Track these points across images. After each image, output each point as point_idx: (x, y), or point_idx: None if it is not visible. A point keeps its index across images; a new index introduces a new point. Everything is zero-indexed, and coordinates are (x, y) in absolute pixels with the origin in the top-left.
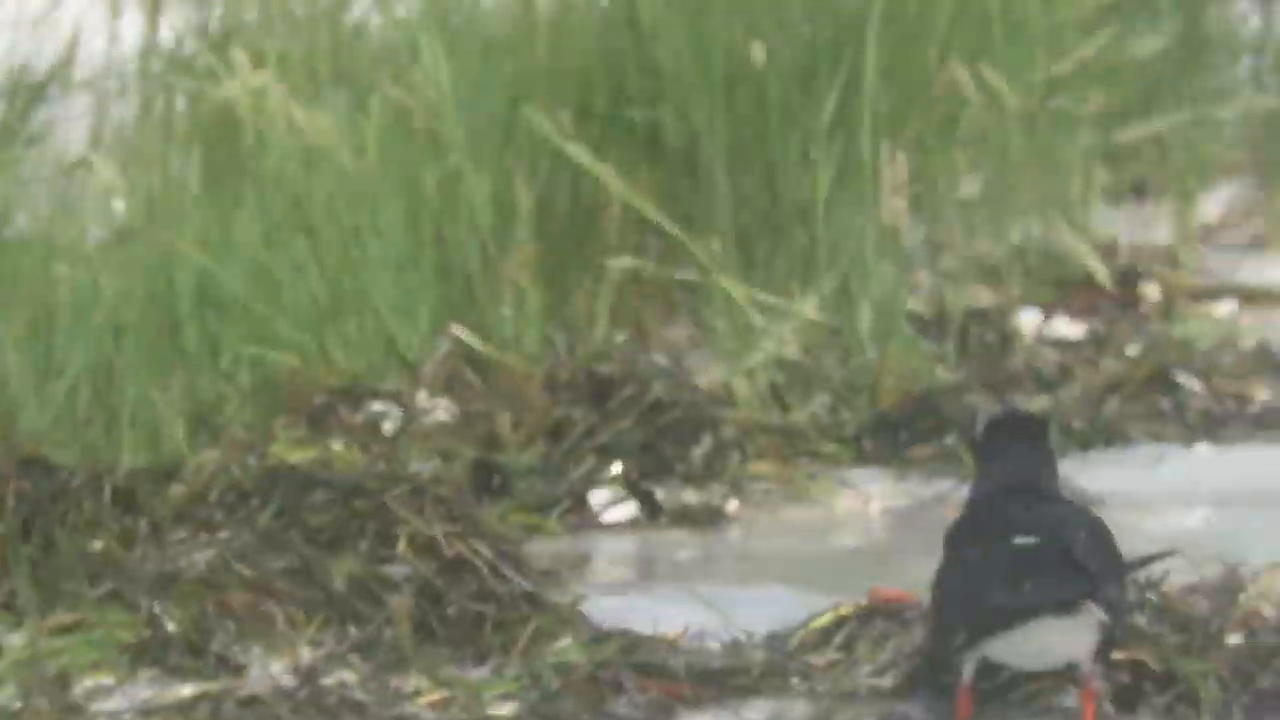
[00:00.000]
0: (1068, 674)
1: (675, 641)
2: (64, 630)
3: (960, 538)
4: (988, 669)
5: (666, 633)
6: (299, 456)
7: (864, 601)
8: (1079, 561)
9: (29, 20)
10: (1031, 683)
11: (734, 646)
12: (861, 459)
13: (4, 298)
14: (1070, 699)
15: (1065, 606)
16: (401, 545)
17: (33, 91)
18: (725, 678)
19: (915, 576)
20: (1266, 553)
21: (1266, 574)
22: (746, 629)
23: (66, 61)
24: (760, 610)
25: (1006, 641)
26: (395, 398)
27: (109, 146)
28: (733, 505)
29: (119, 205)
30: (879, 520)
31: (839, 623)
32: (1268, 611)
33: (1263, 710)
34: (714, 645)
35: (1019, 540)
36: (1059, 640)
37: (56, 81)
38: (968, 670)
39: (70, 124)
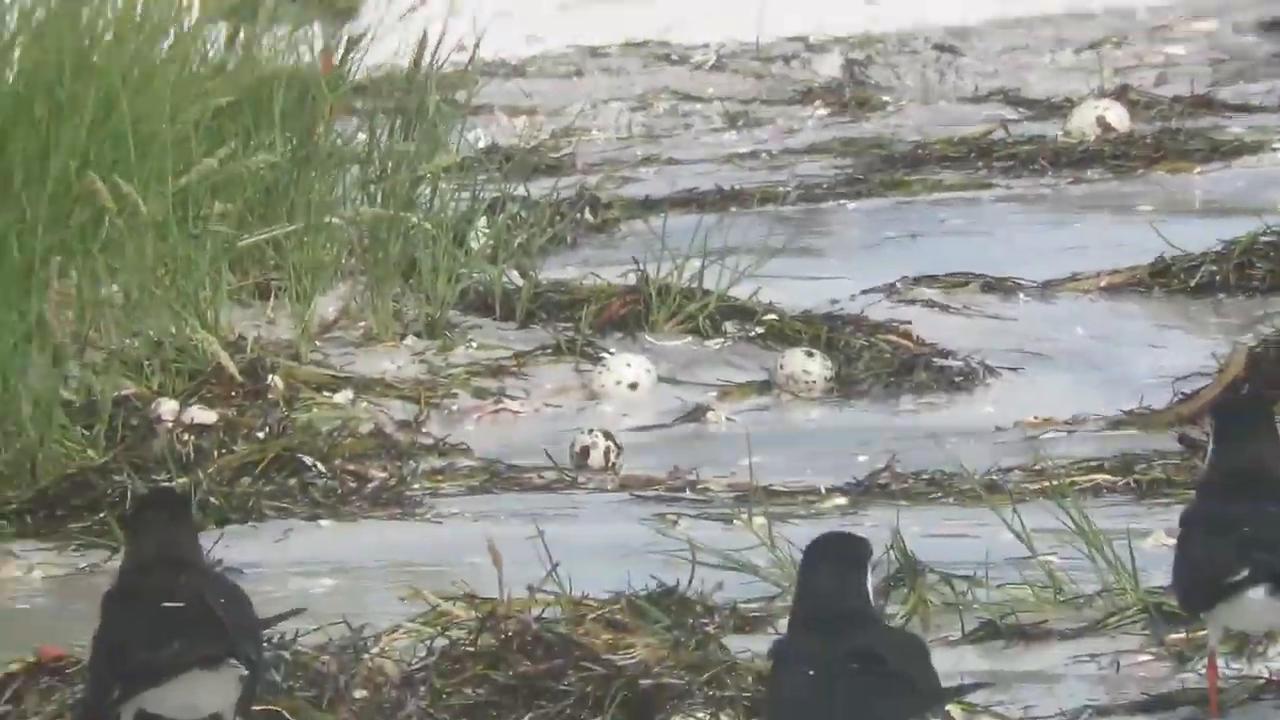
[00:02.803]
0: None
1: None
2: None
3: (114, 602)
4: (147, 718)
5: None
6: None
7: (31, 658)
8: (221, 621)
9: None
10: None
11: None
12: (24, 532)
13: None
14: None
15: (210, 662)
16: None
17: None
18: None
19: (76, 636)
20: (386, 616)
21: (386, 635)
22: None
23: None
24: None
25: (157, 694)
26: None
27: None
28: None
29: None
30: (42, 586)
31: (9, 678)
32: (389, 669)
33: None
34: None
35: (167, 604)
36: (205, 693)
37: None
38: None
39: None
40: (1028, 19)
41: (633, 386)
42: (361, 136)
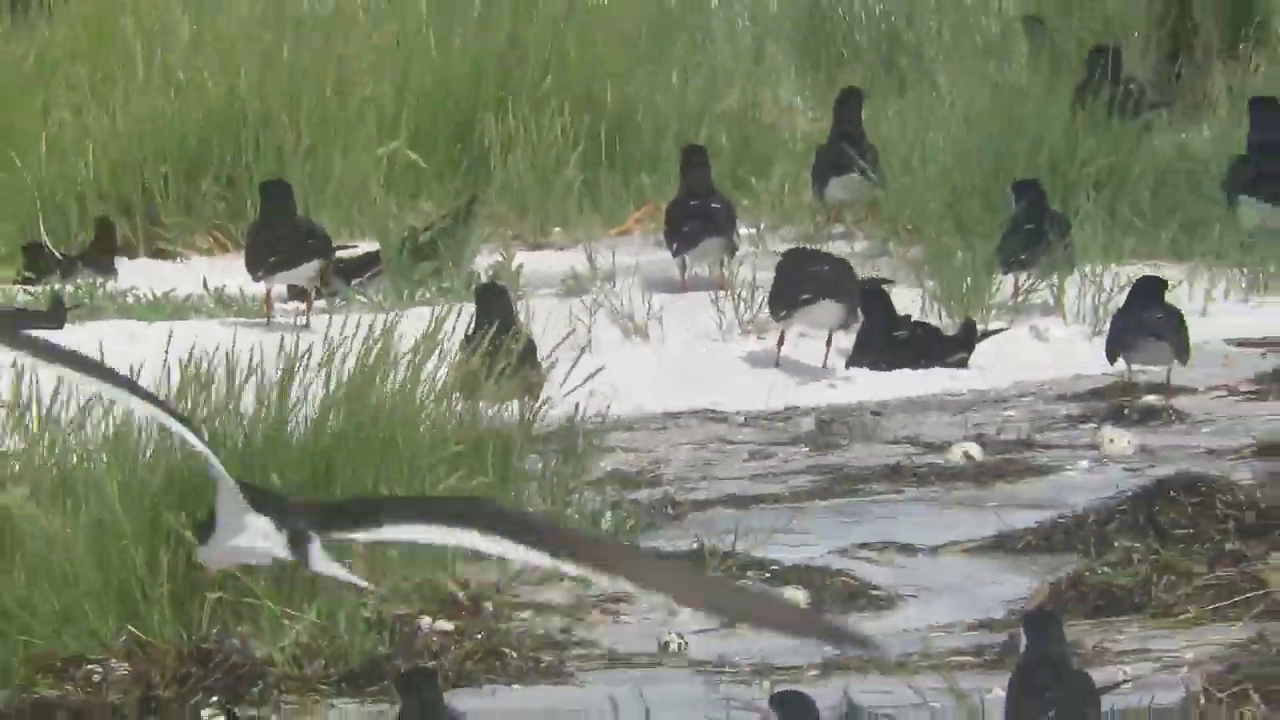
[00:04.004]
0: None
1: None
2: None
3: None
4: None
5: None
6: None
7: None
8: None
9: None
10: None
11: None
12: (340, 694)
13: None
14: None
15: None
16: None
17: None
18: None
19: None
20: None
21: None
22: None
23: None
24: None
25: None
26: None
27: None
28: None
29: None
30: None
31: None
32: None
33: None
34: None
35: None
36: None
37: None
38: None
39: None
40: (924, 398)
41: None
42: (539, 465)
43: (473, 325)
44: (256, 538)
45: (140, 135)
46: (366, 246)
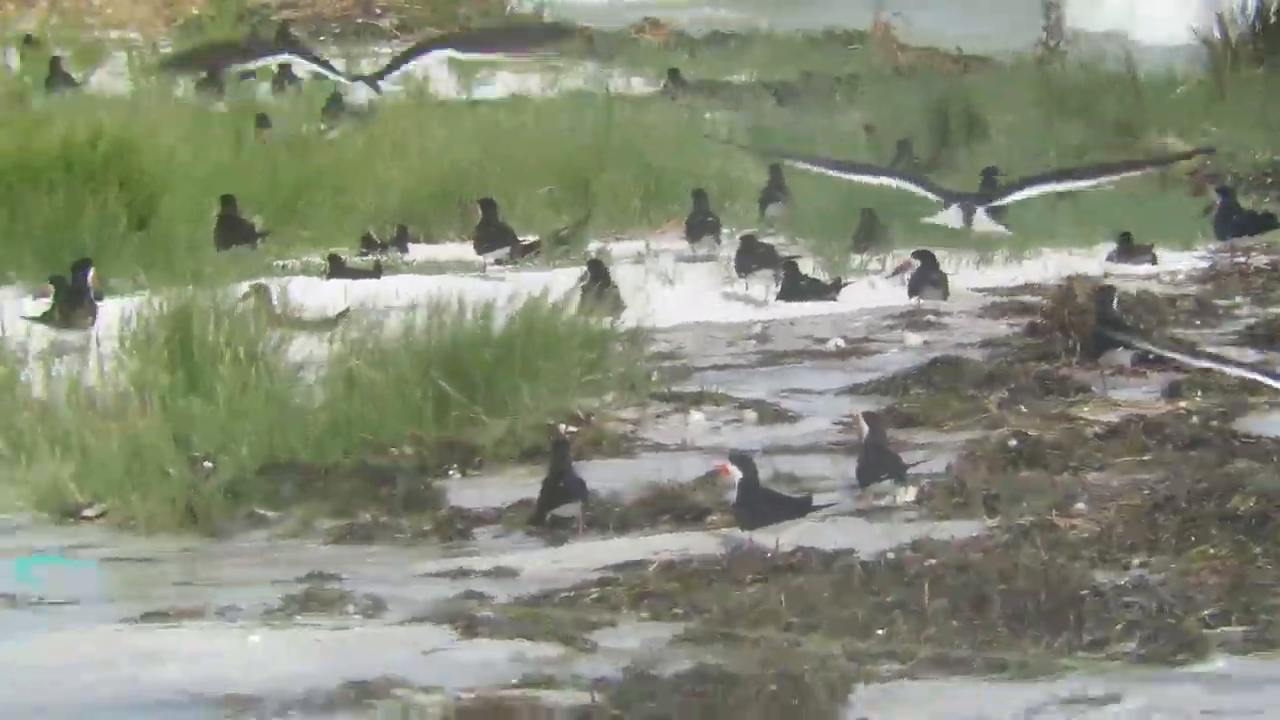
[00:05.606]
0: None
1: None
2: None
3: None
4: None
5: None
6: None
7: None
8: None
9: None
10: None
11: None
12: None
13: None
14: None
15: None
16: None
17: None
18: None
19: None
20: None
21: None
22: None
23: None
24: None
25: None
26: None
27: None
28: None
29: None
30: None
31: None
32: None
33: None
34: None
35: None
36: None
37: None
38: None
39: None
40: (815, 316)
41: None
42: (619, 347)
43: (587, 279)
44: None
45: (417, 181)
46: (533, 238)
